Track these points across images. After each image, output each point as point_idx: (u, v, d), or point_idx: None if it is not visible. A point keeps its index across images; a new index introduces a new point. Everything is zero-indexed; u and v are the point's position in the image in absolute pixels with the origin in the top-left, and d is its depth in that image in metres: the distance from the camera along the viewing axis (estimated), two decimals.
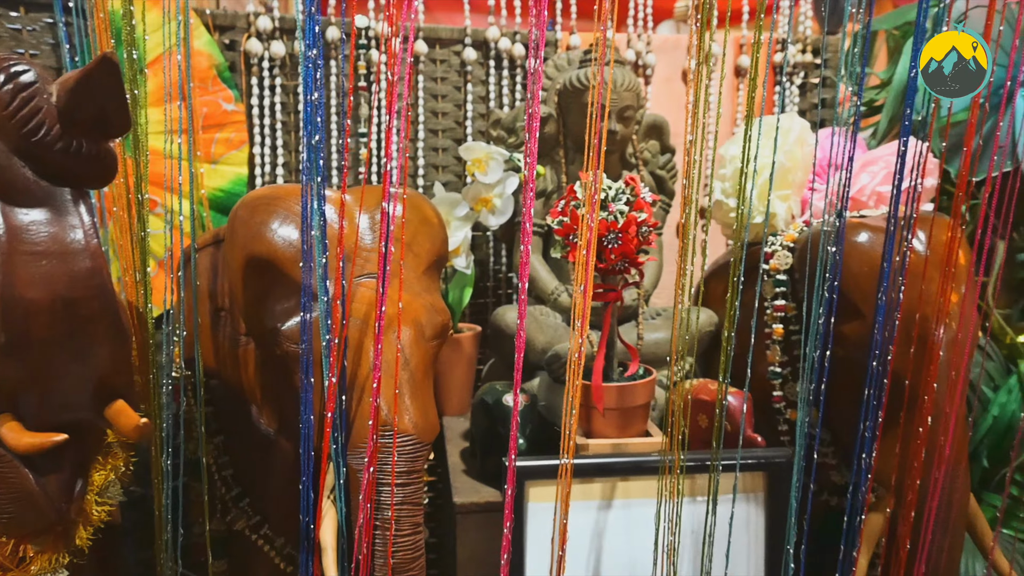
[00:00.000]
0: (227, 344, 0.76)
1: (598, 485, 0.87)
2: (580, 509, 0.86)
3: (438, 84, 1.31)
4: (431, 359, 0.71)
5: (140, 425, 0.57)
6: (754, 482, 0.88)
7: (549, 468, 0.85)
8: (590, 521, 0.86)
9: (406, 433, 0.67)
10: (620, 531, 0.86)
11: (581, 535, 0.86)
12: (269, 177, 1.24)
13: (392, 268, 0.70)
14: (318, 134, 0.62)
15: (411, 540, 0.67)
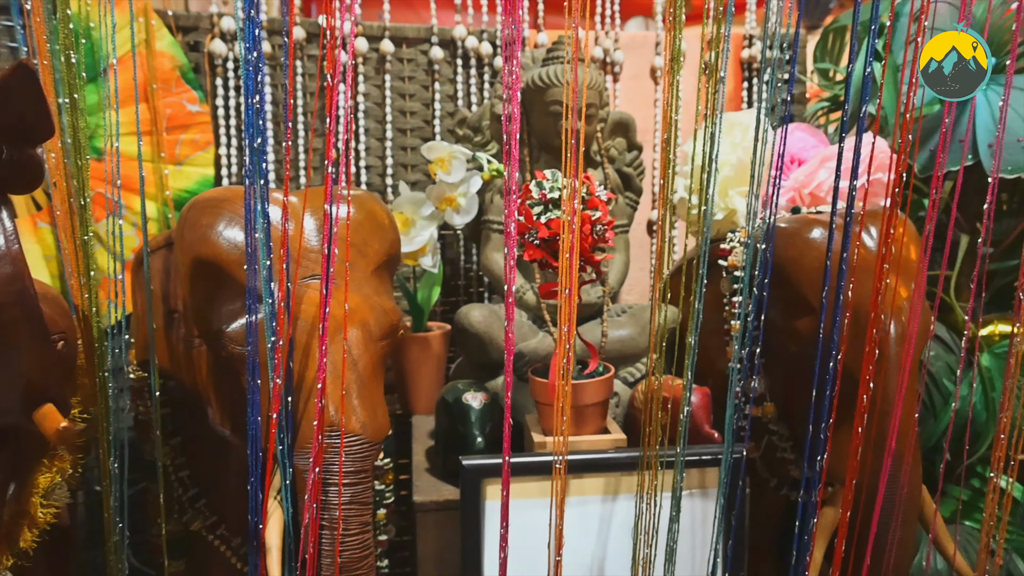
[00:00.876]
0: (181, 346, 0.77)
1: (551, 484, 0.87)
2: (537, 507, 0.86)
3: (406, 83, 1.31)
4: (380, 360, 0.72)
5: (60, 429, 0.57)
6: (710, 478, 0.89)
7: (517, 466, 0.86)
8: (547, 518, 0.87)
9: (354, 433, 0.67)
10: (577, 529, 0.86)
11: (538, 533, 0.87)
12: (236, 178, 1.24)
13: (338, 270, 0.71)
14: (260, 137, 0.62)
15: (359, 540, 0.67)
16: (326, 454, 0.66)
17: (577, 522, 0.86)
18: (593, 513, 0.86)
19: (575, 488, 0.86)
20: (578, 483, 0.87)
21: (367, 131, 1.30)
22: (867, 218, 0.90)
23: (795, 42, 0.76)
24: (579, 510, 0.86)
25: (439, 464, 1.00)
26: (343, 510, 0.66)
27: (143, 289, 0.80)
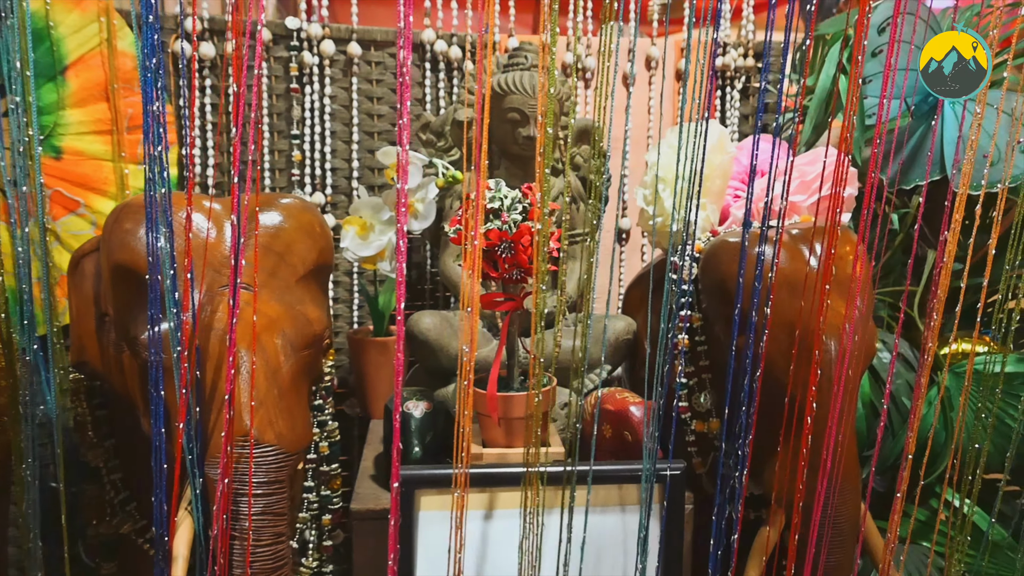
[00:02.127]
0: (111, 349, 0.76)
1: (490, 495, 0.87)
2: (472, 519, 0.86)
3: (373, 86, 1.31)
4: (303, 370, 0.71)
5: None
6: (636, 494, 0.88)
7: (440, 477, 0.85)
8: (480, 531, 0.86)
9: (269, 444, 0.67)
10: (511, 541, 0.85)
11: (474, 545, 0.86)
12: (199, 179, 1.24)
13: (258, 278, 0.70)
14: (161, 143, 0.61)
15: (272, 550, 0.67)
16: (240, 464, 0.66)
17: (504, 535, 0.85)
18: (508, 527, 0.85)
19: (504, 501, 0.86)
20: (510, 496, 0.86)
21: (333, 134, 1.30)
22: (816, 234, 0.88)
23: (784, 51, 0.74)
24: (507, 523, 0.85)
25: (384, 472, 0.99)
26: (256, 520, 0.66)
27: (78, 291, 0.80)
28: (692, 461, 0.97)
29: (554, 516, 0.85)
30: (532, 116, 1.08)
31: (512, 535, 0.85)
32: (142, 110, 1.17)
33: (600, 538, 0.87)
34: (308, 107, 1.27)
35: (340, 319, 1.35)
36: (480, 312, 1.12)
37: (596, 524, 0.87)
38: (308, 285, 0.74)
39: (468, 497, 0.86)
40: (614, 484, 0.86)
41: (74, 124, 1.12)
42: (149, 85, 0.59)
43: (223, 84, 1.24)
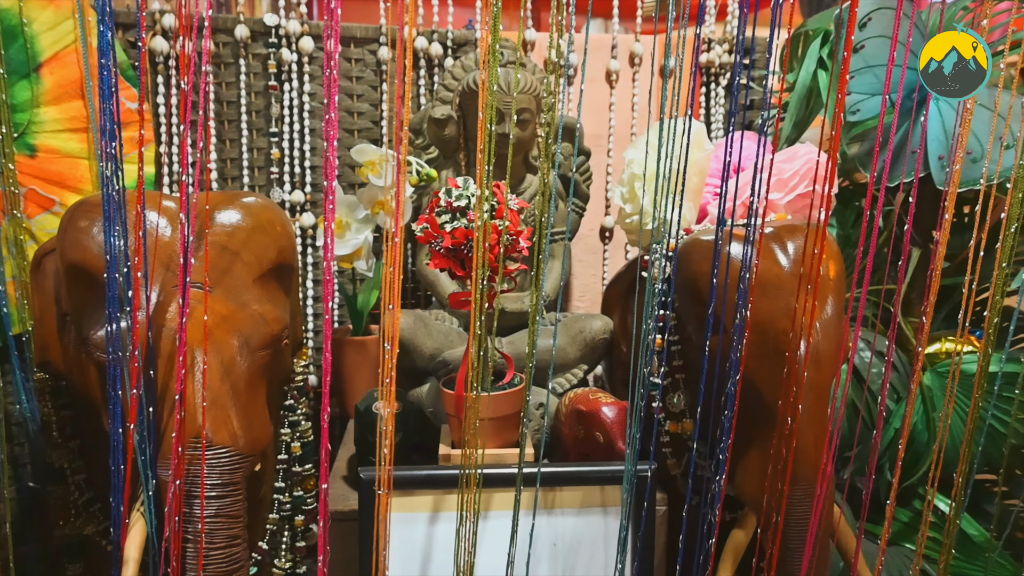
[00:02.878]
0: (72, 349, 0.76)
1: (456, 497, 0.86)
2: (439, 520, 0.85)
3: (353, 83, 1.30)
4: (258, 370, 0.70)
5: None
6: (616, 495, 0.87)
7: (405, 478, 0.84)
8: (450, 532, 0.85)
9: (224, 445, 0.66)
10: (481, 542, 0.84)
11: (443, 547, 0.85)
12: (177, 176, 1.24)
13: (213, 277, 0.69)
14: (115, 141, 0.60)
15: (226, 553, 0.66)
16: (193, 466, 0.65)
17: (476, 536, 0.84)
18: (496, 528, 0.84)
19: (484, 503, 0.85)
20: (484, 497, 0.85)
21: (313, 131, 1.29)
22: (791, 233, 0.87)
23: (768, 47, 0.73)
24: (480, 524, 0.84)
25: (355, 472, 0.98)
26: (209, 522, 0.65)
27: (40, 290, 0.80)
28: (667, 462, 0.96)
29: (522, 518, 0.84)
30: (506, 113, 1.07)
31: (482, 536, 0.84)
32: (124, 107, 1.17)
33: (570, 540, 0.86)
34: (287, 104, 1.26)
35: (320, 318, 1.34)
36: (457, 312, 1.12)
37: (565, 526, 0.86)
38: (266, 284, 0.73)
39: (430, 499, 0.86)
40: (583, 486, 0.85)
41: (49, 122, 1.11)
42: (106, 83, 0.58)
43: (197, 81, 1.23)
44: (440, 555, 0.84)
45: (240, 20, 1.22)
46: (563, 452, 1.01)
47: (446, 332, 1.06)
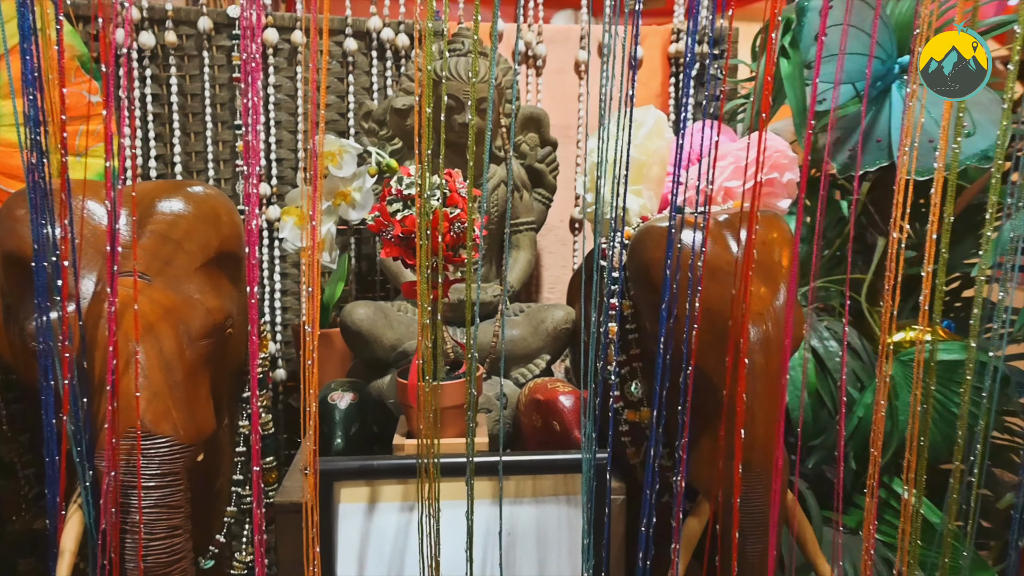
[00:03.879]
0: (17, 340, 0.75)
1: (412, 486, 0.85)
2: (392, 510, 0.85)
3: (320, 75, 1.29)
4: (201, 359, 0.70)
5: None
6: (574, 484, 0.87)
7: (359, 469, 0.84)
8: (403, 522, 0.85)
9: (164, 435, 0.66)
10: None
11: (395, 537, 0.85)
12: (141, 170, 1.23)
13: (153, 267, 0.69)
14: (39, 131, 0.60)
15: (167, 544, 0.65)
16: (133, 456, 0.65)
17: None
18: (448, 518, 0.84)
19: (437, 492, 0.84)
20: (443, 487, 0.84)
21: (278, 124, 1.28)
22: (744, 220, 0.86)
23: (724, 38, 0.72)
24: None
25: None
26: (149, 513, 0.65)
27: None
28: (626, 451, 0.95)
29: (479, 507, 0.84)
30: (467, 103, 1.06)
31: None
32: (85, 100, 1.16)
33: (524, 529, 0.86)
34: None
35: (289, 311, 1.33)
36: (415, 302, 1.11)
37: (520, 515, 0.86)
38: (209, 273, 0.72)
39: (386, 489, 0.86)
40: (535, 475, 0.85)
41: (6, 115, 1.11)
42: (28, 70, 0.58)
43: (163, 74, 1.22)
44: (391, 544, 0.84)
45: (203, 12, 1.22)
46: (523, 442, 1.00)
47: (407, 323, 1.06)
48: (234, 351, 0.82)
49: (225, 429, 0.87)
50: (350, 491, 0.84)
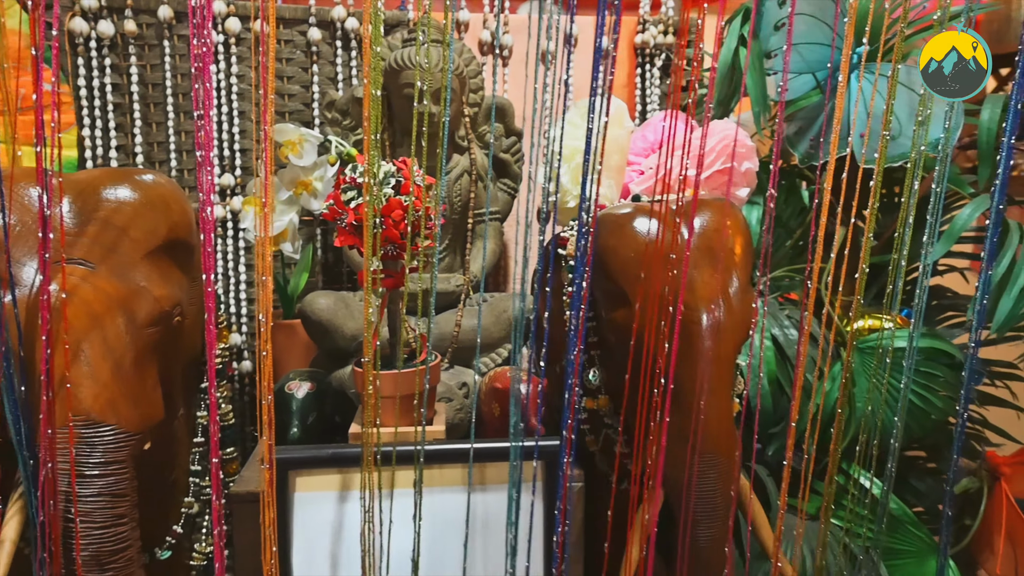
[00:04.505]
0: None
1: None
2: (348, 499, 0.85)
3: (284, 65, 1.28)
4: (147, 347, 0.69)
5: None
6: (528, 472, 0.87)
7: (314, 458, 0.84)
8: (357, 510, 0.85)
9: (107, 424, 0.65)
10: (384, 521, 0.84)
11: (349, 525, 0.85)
12: (101, 160, 1.22)
13: (97, 254, 0.68)
14: None
15: (111, 532, 0.65)
16: (76, 446, 0.64)
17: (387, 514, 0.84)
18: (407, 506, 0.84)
19: (388, 480, 0.84)
20: (387, 476, 0.85)
21: (242, 114, 1.27)
22: (698, 208, 0.87)
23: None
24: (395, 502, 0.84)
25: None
26: (93, 502, 0.64)
27: None
28: (585, 439, 0.96)
29: (434, 495, 0.84)
30: (427, 92, 1.06)
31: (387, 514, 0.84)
32: (43, 90, 1.14)
33: (480, 516, 0.86)
34: (214, 87, 1.25)
35: (256, 303, 1.33)
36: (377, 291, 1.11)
37: (478, 503, 0.87)
38: (157, 261, 0.72)
39: (342, 478, 0.86)
40: (488, 462, 0.85)
41: None
42: None
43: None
44: (347, 532, 0.84)
45: (163, 1, 1.20)
46: (483, 430, 1.01)
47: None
48: (188, 341, 0.81)
49: (181, 420, 0.86)
50: (305, 480, 0.84)
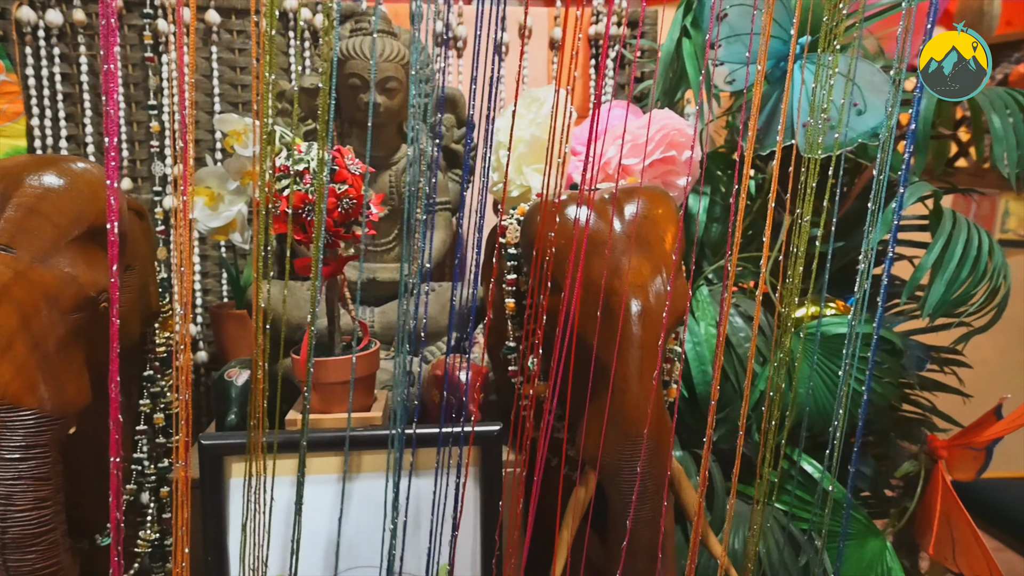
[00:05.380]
0: None
1: (312, 460, 0.86)
2: (281, 484, 0.85)
3: (236, 56, 1.28)
4: (71, 332, 0.70)
5: None
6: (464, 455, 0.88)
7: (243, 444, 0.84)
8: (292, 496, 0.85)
9: (28, 408, 0.66)
10: (320, 507, 0.85)
11: (285, 510, 0.86)
12: (50, 149, 1.22)
13: (20, 240, 0.69)
14: None
15: (33, 516, 0.66)
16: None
17: (315, 500, 0.85)
18: (333, 491, 0.85)
19: (317, 466, 0.85)
20: (323, 461, 0.85)
21: (195, 104, 1.27)
22: (629, 195, 0.88)
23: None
24: (318, 488, 0.85)
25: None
26: (13, 485, 0.65)
27: None
28: (525, 425, 0.97)
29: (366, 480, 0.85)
30: (370, 81, 1.07)
31: (321, 500, 0.85)
32: None
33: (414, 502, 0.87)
34: (166, 76, 1.25)
35: (211, 293, 1.33)
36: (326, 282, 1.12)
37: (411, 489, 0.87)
38: (83, 248, 0.72)
39: (281, 463, 0.86)
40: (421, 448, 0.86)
41: None
42: None
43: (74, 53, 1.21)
44: (283, 517, 0.85)
45: None
46: (427, 417, 1.02)
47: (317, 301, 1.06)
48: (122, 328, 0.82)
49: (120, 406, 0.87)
50: (241, 466, 0.85)
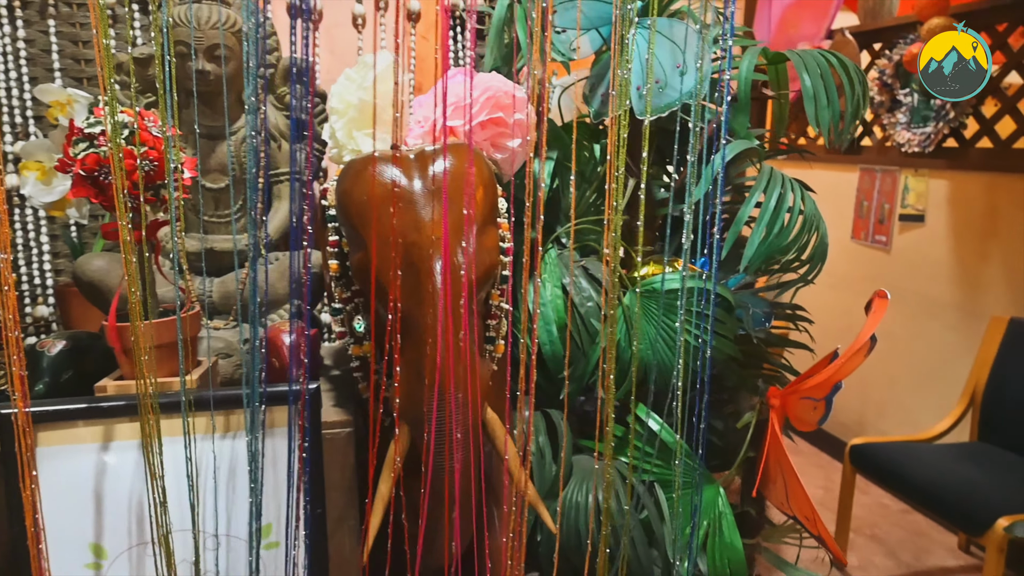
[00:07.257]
0: None
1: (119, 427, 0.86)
2: (89, 451, 0.85)
3: (79, 30, 1.25)
4: None
5: None
6: (281, 416, 0.89)
7: (58, 412, 0.83)
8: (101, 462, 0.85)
9: None
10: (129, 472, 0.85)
11: (95, 477, 0.85)
12: None
13: None
14: None
15: None
16: None
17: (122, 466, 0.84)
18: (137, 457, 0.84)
19: (124, 432, 0.85)
20: (130, 427, 0.85)
21: (34, 80, 1.24)
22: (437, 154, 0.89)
23: None
24: (126, 454, 0.84)
25: None
26: None
27: None
28: (358, 386, 0.98)
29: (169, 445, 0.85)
30: (198, 49, 1.06)
31: (131, 466, 0.85)
32: None
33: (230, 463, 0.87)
34: (0, 52, 1.21)
35: (64, 274, 1.30)
36: (165, 251, 1.11)
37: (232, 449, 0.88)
38: None
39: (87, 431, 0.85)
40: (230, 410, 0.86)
41: None
42: None
43: None
44: (92, 484, 0.84)
45: None
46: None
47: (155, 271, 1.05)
48: None
49: None
50: (46, 435, 0.84)
